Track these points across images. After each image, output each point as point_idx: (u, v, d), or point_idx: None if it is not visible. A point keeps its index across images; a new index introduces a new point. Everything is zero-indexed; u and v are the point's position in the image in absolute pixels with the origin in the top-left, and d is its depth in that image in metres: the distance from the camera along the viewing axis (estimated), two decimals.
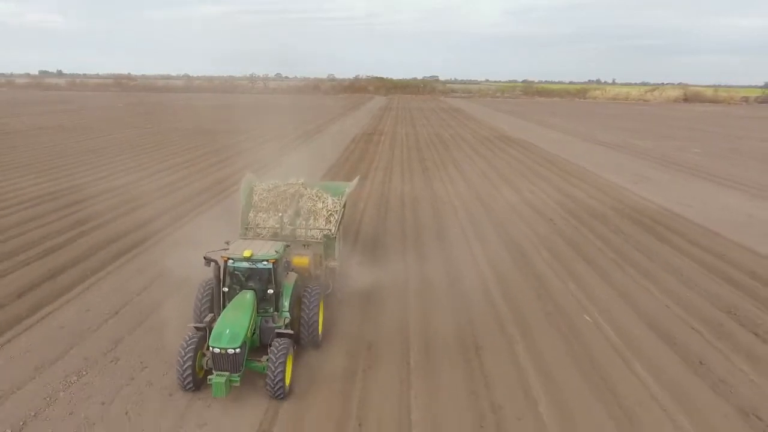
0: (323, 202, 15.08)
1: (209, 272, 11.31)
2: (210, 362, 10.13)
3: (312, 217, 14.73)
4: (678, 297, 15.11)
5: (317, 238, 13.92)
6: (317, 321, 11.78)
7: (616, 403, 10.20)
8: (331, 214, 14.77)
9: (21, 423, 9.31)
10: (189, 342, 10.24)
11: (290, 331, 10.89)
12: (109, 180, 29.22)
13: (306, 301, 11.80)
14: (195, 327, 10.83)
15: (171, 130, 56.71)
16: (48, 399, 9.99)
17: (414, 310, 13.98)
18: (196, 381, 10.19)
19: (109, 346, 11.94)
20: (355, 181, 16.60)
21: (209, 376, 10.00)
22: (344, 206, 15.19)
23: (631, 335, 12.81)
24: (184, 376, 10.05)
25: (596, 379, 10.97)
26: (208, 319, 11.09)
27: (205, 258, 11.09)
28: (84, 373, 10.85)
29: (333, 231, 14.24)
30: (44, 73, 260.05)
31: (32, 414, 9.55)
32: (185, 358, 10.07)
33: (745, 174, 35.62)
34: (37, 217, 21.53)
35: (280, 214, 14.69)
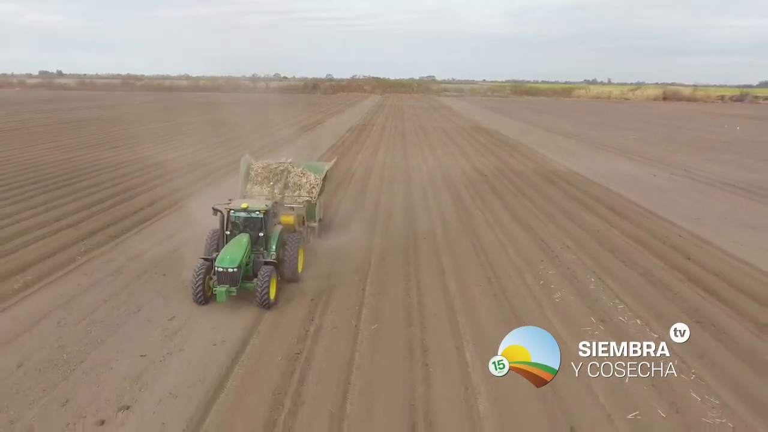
0: (307, 177, 18.50)
1: (216, 221, 14.79)
2: (215, 283, 13.39)
3: (297, 190, 18.16)
4: (541, 208, 24.80)
5: (301, 204, 17.82)
6: (296, 260, 15.05)
7: (482, 250, 19.44)
8: (312, 187, 18.32)
9: (160, 260, 18.77)
10: (200, 268, 13.56)
11: (274, 261, 14.22)
12: (163, 154, 38.82)
13: (289, 244, 15.12)
14: (204, 259, 14.06)
15: (194, 122, 66.27)
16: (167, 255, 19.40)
17: (379, 227, 23.29)
18: (205, 297, 13.52)
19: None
20: (333, 161, 21.37)
21: (214, 288, 13.35)
22: (324, 180, 18.75)
23: (501, 221, 22.46)
24: (196, 291, 13.42)
25: (473, 238, 20.44)
26: (214, 255, 13.97)
27: (213, 209, 14.35)
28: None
29: (313, 199, 18.18)
30: (44, 73, 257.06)
31: (179, 248, 19.03)
32: (197, 279, 13.45)
33: (657, 153, 45.24)
34: (125, 175, 31.07)
35: (271, 183, 17.98)
